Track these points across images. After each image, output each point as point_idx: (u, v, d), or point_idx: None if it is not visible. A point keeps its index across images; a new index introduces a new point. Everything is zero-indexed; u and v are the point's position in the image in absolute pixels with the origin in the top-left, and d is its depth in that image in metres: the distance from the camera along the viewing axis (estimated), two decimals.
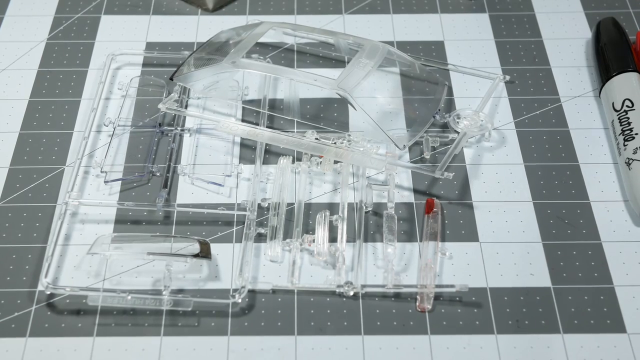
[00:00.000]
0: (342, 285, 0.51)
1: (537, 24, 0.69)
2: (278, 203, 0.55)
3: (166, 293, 0.50)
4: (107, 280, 0.52)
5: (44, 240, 0.54)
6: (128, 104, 0.62)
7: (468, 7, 0.71)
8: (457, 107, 0.62)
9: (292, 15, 0.70)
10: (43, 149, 0.59)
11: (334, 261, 0.52)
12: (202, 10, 0.70)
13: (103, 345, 0.49)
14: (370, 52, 0.60)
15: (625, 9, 0.70)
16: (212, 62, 0.61)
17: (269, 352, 0.48)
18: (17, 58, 0.66)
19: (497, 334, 0.49)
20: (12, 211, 0.55)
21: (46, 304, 0.50)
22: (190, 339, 0.49)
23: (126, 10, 0.70)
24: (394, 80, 0.64)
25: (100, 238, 0.52)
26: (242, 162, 0.58)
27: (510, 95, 0.63)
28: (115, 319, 0.50)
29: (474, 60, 0.66)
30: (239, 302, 0.50)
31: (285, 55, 0.66)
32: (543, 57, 0.66)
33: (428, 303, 0.50)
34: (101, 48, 0.67)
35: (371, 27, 0.69)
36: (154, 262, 0.52)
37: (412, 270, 0.52)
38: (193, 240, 0.52)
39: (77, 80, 0.64)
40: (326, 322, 0.50)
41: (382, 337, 0.49)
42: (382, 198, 0.56)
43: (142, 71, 0.65)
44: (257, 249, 0.53)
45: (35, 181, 0.57)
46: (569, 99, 0.63)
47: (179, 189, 0.57)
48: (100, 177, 0.57)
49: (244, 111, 0.62)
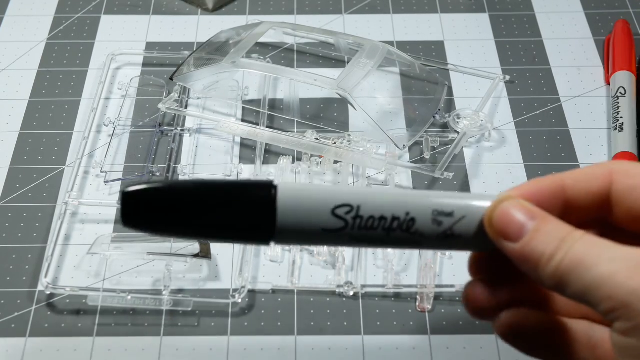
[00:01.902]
0: (342, 286, 0.51)
1: (537, 24, 0.69)
2: None
3: (166, 293, 0.50)
4: (107, 280, 0.52)
5: (44, 240, 0.54)
6: (128, 104, 0.62)
7: (468, 7, 0.71)
8: (457, 107, 0.62)
9: (292, 15, 0.70)
10: (43, 149, 0.59)
11: (334, 261, 0.52)
12: (202, 10, 0.70)
13: (103, 345, 0.49)
14: (370, 52, 0.60)
15: (625, 9, 0.70)
16: (212, 62, 0.61)
17: (268, 352, 0.48)
18: (17, 58, 0.66)
19: (496, 334, 0.49)
20: (12, 211, 0.55)
21: (46, 304, 0.51)
22: (190, 339, 0.49)
23: (126, 10, 0.70)
24: (394, 80, 0.64)
25: (100, 238, 0.52)
26: (242, 162, 0.58)
27: (510, 95, 0.63)
28: (115, 319, 0.50)
29: (474, 60, 0.66)
30: (239, 302, 0.50)
31: (285, 55, 0.66)
32: (543, 57, 0.66)
33: (428, 303, 0.50)
34: (101, 48, 0.67)
35: (371, 27, 0.69)
36: (154, 262, 0.52)
37: (412, 271, 0.52)
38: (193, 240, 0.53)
39: (77, 80, 0.64)
40: (326, 322, 0.50)
41: (382, 337, 0.49)
42: None
43: (142, 71, 0.65)
44: (257, 249, 0.53)
45: (35, 181, 0.57)
46: (569, 99, 0.63)
47: None
48: (100, 177, 0.57)
49: (244, 111, 0.62)
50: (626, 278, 0.31)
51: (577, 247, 0.33)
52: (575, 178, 0.36)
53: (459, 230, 0.36)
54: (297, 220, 0.35)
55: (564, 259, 0.33)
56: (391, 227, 0.35)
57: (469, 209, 0.36)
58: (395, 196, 0.36)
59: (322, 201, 0.35)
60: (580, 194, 0.36)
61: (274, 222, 0.34)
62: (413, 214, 0.35)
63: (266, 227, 0.34)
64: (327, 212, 0.35)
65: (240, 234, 0.35)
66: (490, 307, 0.37)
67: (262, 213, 0.34)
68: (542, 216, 0.35)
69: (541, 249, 0.34)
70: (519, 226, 0.34)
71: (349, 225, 0.35)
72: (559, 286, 0.33)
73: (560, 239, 0.33)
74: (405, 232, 0.35)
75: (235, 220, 0.35)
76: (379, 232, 0.35)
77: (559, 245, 0.33)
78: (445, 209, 0.36)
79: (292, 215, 0.35)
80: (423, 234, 0.36)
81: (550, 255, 0.33)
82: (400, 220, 0.35)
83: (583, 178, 0.36)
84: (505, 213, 0.35)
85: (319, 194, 0.35)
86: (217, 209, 0.34)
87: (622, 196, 0.36)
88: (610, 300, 0.32)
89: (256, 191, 0.35)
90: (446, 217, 0.36)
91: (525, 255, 0.34)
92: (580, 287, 0.33)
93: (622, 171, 0.36)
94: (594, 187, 0.36)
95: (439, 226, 0.36)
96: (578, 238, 0.33)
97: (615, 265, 0.32)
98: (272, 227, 0.34)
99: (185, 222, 0.35)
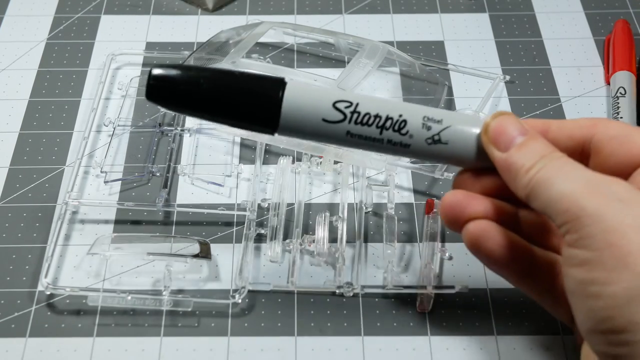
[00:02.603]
0: (342, 286, 0.51)
1: (537, 24, 0.69)
2: (278, 203, 0.55)
3: (166, 293, 0.50)
4: (107, 281, 0.52)
5: (44, 241, 0.54)
6: (128, 104, 0.62)
7: (468, 7, 0.71)
8: (457, 107, 0.62)
9: (292, 15, 0.70)
10: (43, 149, 0.59)
11: (334, 262, 0.52)
12: (202, 10, 0.70)
13: (103, 346, 0.49)
14: (370, 52, 0.60)
15: (625, 9, 0.70)
16: (212, 62, 0.61)
17: (269, 352, 0.48)
18: (17, 58, 0.66)
19: (497, 335, 0.49)
20: (12, 211, 0.55)
21: (46, 304, 0.51)
22: (190, 339, 0.49)
23: (126, 10, 0.70)
24: (394, 80, 0.64)
25: (100, 238, 0.52)
26: (242, 162, 0.58)
27: (510, 95, 0.63)
28: (115, 319, 0.50)
29: (474, 60, 0.66)
30: (239, 302, 0.50)
31: (285, 55, 0.66)
32: (543, 57, 0.66)
33: (428, 304, 0.50)
34: (101, 48, 0.67)
35: (371, 27, 0.69)
36: (154, 262, 0.52)
37: (412, 271, 0.52)
38: (193, 241, 0.52)
39: (77, 80, 0.64)
40: (326, 323, 0.50)
41: (382, 338, 0.49)
42: (382, 198, 0.56)
43: (142, 71, 0.65)
44: (257, 250, 0.53)
45: (35, 181, 0.57)
46: (569, 99, 0.63)
47: (179, 189, 0.57)
48: (100, 177, 0.57)
49: None
50: (582, 195, 0.35)
51: (552, 164, 0.37)
52: (561, 124, 0.41)
53: (446, 137, 0.40)
54: (301, 106, 0.40)
55: (537, 173, 0.37)
56: (384, 125, 0.40)
57: (456, 119, 0.41)
58: (390, 101, 0.41)
59: (325, 95, 0.40)
60: (562, 137, 0.41)
61: (280, 104, 0.40)
62: (405, 116, 0.40)
63: (273, 111, 0.40)
64: (329, 104, 0.40)
65: (250, 111, 0.41)
66: (465, 212, 0.41)
67: (270, 100, 0.40)
68: (532, 134, 0.39)
69: (522, 161, 0.38)
70: (510, 138, 0.39)
71: (347, 118, 0.40)
72: (529, 197, 0.37)
73: (541, 155, 0.38)
74: (396, 132, 0.40)
75: (247, 102, 0.40)
76: (372, 128, 0.40)
77: (538, 160, 0.38)
78: (434, 116, 0.40)
79: (296, 102, 0.40)
80: (412, 135, 0.40)
81: (528, 168, 0.37)
82: (394, 120, 0.40)
83: (568, 125, 0.41)
84: (502, 124, 0.40)
85: (323, 90, 0.41)
86: (231, 96, 0.40)
87: (601, 145, 0.40)
88: (565, 213, 0.35)
89: (268, 81, 0.41)
90: (435, 123, 0.40)
91: (508, 164, 0.38)
92: (544, 200, 0.37)
93: (604, 124, 0.40)
94: (576, 134, 0.41)
95: (428, 130, 0.40)
96: (556, 158, 0.38)
97: (576, 184, 0.36)
98: (278, 111, 0.40)
99: (202, 104, 0.41)
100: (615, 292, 0.34)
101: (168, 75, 0.41)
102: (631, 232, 0.34)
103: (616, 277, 0.34)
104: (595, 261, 0.34)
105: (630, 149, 0.39)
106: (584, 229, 0.35)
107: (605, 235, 0.34)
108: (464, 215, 0.41)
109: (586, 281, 0.35)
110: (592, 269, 0.35)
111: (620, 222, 0.34)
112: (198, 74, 0.41)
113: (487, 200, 0.41)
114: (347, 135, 0.40)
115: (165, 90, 0.41)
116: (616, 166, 0.39)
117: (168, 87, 0.40)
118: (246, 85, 0.40)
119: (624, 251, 0.34)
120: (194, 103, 0.41)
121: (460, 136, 0.40)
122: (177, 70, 0.41)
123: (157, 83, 0.41)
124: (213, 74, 0.41)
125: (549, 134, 0.40)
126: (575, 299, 0.36)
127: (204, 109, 0.41)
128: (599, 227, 0.34)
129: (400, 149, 0.41)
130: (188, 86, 0.40)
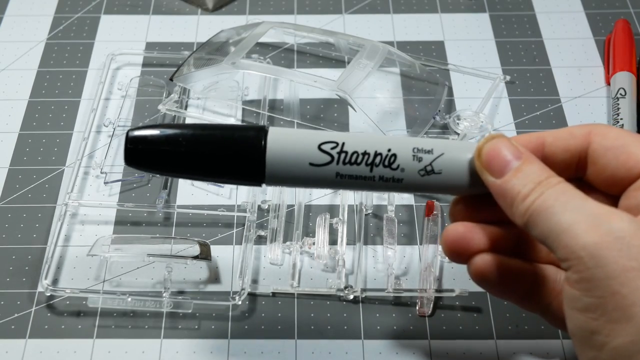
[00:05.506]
0: (342, 289, 0.51)
1: (537, 24, 0.69)
2: (278, 205, 0.55)
3: (166, 295, 0.50)
4: (107, 282, 0.52)
5: (44, 242, 0.54)
6: (128, 104, 0.62)
7: (468, 7, 0.71)
8: (458, 107, 0.62)
9: (292, 15, 0.70)
10: (43, 149, 0.59)
11: (334, 264, 0.52)
12: (202, 10, 0.70)
13: (103, 347, 0.49)
14: (371, 52, 0.60)
15: (625, 9, 0.70)
16: (212, 62, 0.61)
17: (269, 355, 0.48)
18: (17, 58, 0.66)
19: (496, 339, 0.49)
20: (12, 212, 0.55)
21: (46, 306, 0.51)
22: (191, 341, 0.49)
23: (126, 10, 0.70)
24: (394, 80, 0.64)
25: (100, 239, 0.52)
26: None
27: (511, 95, 0.63)
28: (115, 321, 0.50)
29: (474, 60, 0.66)
30: (239, 304, 0.50)
31: (285, 56, 0.66)
32: (543, 57, 0.66)
33: (428, 307, 0.50)
34: (101, 48, 0.67)
35: (371, 27, 0.69)
36: (154, 263, 0.52)
37: (412, 274, 0.52)
38: (193, 242, 0.52)
39: (77, 80, 0.64)
40: (326, 326, 0.50)
41: (382, 341, 0.49)
42: (382, 201, 0.56)
43: (142, 71, 0.65)
44: (257, 251, 0.53)
45: (35, 182, 0.57)
46: (569, 100, 0.63)
47: (178, 191, 0.57)
48: (100, 178, 0.57)
49: (244, 112, 0.62)
50: (583, 231, 0.34)
51: (550, 192, 0.36)
52: (555, 136, 0.39)
53: (439, 167, 0.39)
54: (285, 151, 0.39)
55: (535, 201, 0.36)
56: (374, 161, 0.39)
57: (447, 146, 0.39)
58: (376, 136, 0.41)
59: (310, 138, 0.39)
60: (558, 150, 0.39)
61: (264, 155, 0.38)
62: (394, 149, 0.39)
63: (257, 160, 0.39)
64: (314, 146, 0.39)
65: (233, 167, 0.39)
66: (469, 246, 0.39)
67: (253, 150, 0.38)
68: (528, 158, 0.37)
69: (518, 188, 0.36)
70: (504, 163, 0.37)
71: (334, 160, 0.39)
72: (527, 225, 0.36)
73: (538, 181, 0.36)
74: (387, 167, 0.39)
75: (229, 155, 0.39)
76: (362, 167, 0.39)
77: (534, 187, 0.36)
78: (424, 146, 0.39)
79: (280, 148, 0.39)
80: (404, 169, 0.39)
81: (525, 195, 0.36)
82: (383, 155, 0.39)
83: (563, 136, 0.39)
84: (495, 148, 0.38)
85: (306, 133, 0.39)
86: (212, 150, 0.39)
87: (597, 156, 0.39)
88: (565, 249, 0.34)
89: (248, 132, 0.39)
90: (426, 153, 0.39)
91: (504, 191, 0.37)
92: (544, 230, 0.35)
93: (600, 132, 0.39)
94: (572, 145, 0.39)
95: (419, 162, 0.39)
96: (553, 184, 0.36)
97: (577, 216, 0.34)
98: (263, 159, 0.39)
99: (183, 162, 0.39)
100: (619, 345, 0.33)
101: (146, 137, 0.39)
102: (635, 278, 0.33)
103: (620, 329, 0.33)
104: (599, 310, 0.33)
105: (626, 161, 0.38)
106: (587, 272, 0.33)
107: (609, 282, 0.33)
108: (469, 250, 0.39)
109: (590, 329, 0.34)
110: (596, 318, 0.34)
111: (623, 266, 0.33)
112: (176, 133, 0.39)
113: (488, 230, 0.39)
114: (337, 177, 0.39)
115: (144, 153, 0.39)
116: (612, 178, 0.38)
117: (147, 150, 0.39)
118: (228, 137, 0.39)
119: (628, 301, 0.33)
120: (176, 164, 0.39)
121: (454, 164, 0.39)
122: (155, 130, 0.39)
123: (135, 146, 0.39)
124: (192, 131, 0.39)
125: (545, 148, 0.39)
126: (577, 341, 0.35)
127: (186, 169, 0.40)
128: (601, 271, 0.33)
129: (393, 184, 0.39)
130: (168, 146, 0.39)
